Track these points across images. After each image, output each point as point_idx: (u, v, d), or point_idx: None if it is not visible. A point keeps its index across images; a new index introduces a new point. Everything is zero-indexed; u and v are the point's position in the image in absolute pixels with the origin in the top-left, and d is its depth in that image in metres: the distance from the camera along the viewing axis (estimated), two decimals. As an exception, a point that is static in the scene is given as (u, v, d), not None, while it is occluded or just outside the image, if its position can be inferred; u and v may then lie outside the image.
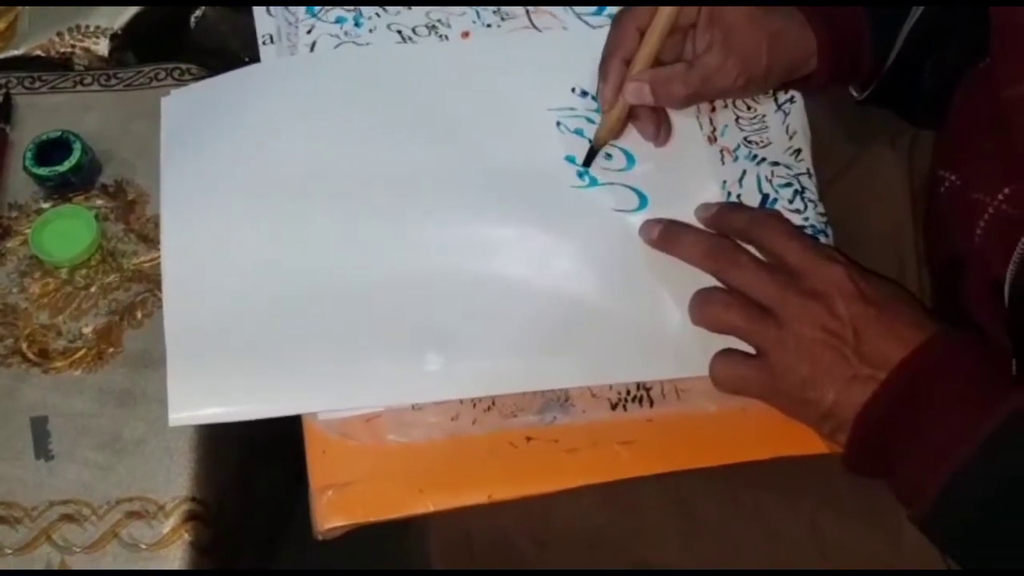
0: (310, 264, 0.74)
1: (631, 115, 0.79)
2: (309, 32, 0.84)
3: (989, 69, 0.71)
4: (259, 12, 0.86)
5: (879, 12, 0.77)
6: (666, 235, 0.74)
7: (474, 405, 0.72)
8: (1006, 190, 0.68)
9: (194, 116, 0.82)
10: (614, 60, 0.76)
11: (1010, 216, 0.68)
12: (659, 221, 0.75)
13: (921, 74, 0.79)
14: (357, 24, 0.84)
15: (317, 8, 0.85)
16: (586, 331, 0.73)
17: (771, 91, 0.84)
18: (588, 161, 0.79)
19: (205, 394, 0.70)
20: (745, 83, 0.75)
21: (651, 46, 0.75)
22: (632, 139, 0.80)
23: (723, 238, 0.73)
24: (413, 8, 0.86)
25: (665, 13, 0.74)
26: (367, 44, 0.84)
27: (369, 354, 0.72)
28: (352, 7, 0.85)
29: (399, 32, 0.85)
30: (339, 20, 0.85)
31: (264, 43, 0.85)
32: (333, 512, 0.68)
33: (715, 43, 0.75)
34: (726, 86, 0.75)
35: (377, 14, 0.85)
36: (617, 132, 0.79)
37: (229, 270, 0.74)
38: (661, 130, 0.80)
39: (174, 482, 0.74)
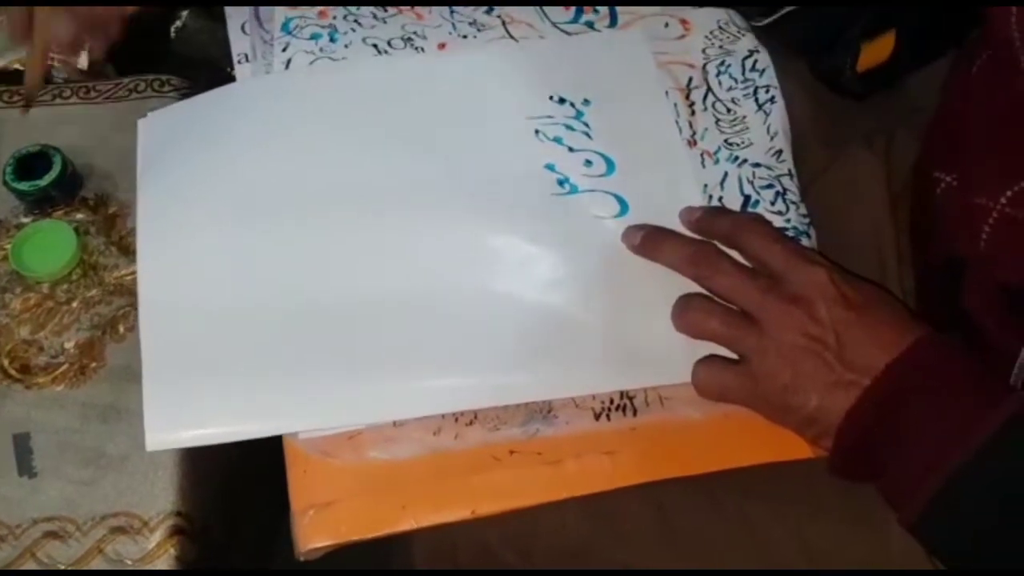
0: (288, 282, 0.74)
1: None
2: (284, 50, 0.83)
3: (987, 69, 0.71)
4: (234, 31, 0.86)
5: None
6: (648, 241, 0.74)
7: (456, 419, 0.71)
8: (1008, 192, 0.67)
9: (171, 137, 0.82)
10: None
11: (1017, 219, 0.67)
12: (642, 227, 0.75)
13: (829, 24, 0.79)
14: (332, 39, 0.84)
15: (292, 25, 0.84)
16: (568, 340, 0.73)
17: (751, 89, 0.83)
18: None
19: (183, 417, 0.70)
20: None
21: None
22: (612, 144, 0.80)
23: (706, 243, 0.72)
24: (388, 22, 0.85)
25: None
26: (343, 59, 0.83)
27: (349, 372, 0.72)
28: (327, 23, 0.84)
29: (375, 46, 0.84)
30: (314, 36, 0.84)
31: (239, 62, 0.85)
32: (315, 532, 0.68)
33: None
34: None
35: (352, 28, 0.84)
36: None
37: (207, 290, 0.74)
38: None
39: (159, 497, 0.73)
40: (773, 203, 0.79)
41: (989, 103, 0.69)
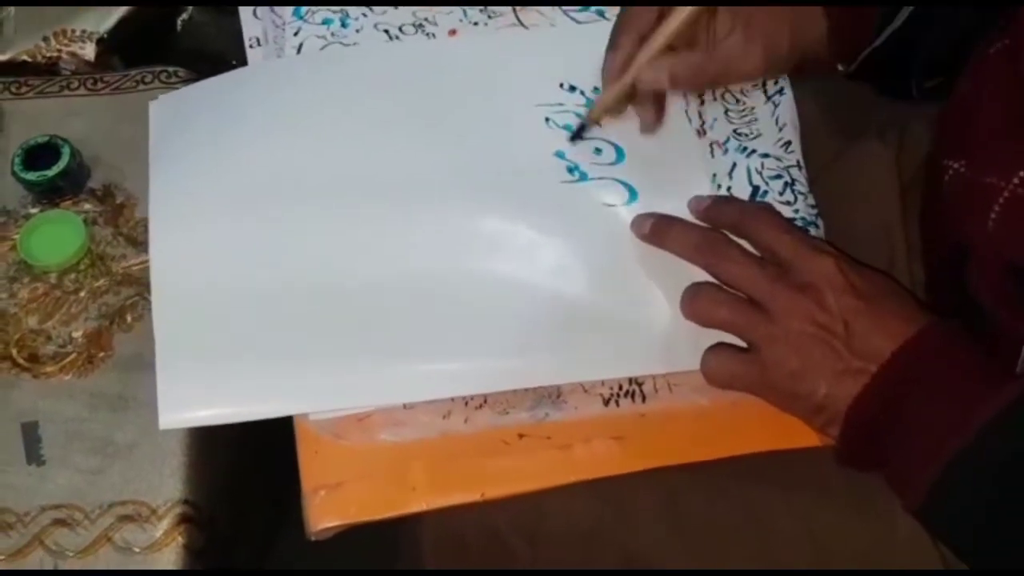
0: (299, 265, 0.74)
1: (632, 97, 0.77)
2: (296, 34, 0.84)
3: (1006, 52, 0.71)
4: (245, 15, 0.86)
5: None
6: (657, 229, 0.74)
7: (466, 403, 0.72)
8: (1021, 172, 0.67)
9: (182, 120, 0.82)
10: (628, 33, 0.75)
11: None
12: (651, 215, 0.75)
13: (916, 50, 0.79)
14: (344, 25, 0.84)
15: (304, 11, 0.85)
16: (578, 326, 0.73)
17: (762, 81, 0.84)
18: (577, 135, 0.79)
19: (196, 396, 0.70)
20: (766, 67, 0.76)
21: (675, 26, 0.73)
22: (621, 133, 0.80)
23: (714, 232, 0.72)
24: (400, 7, 0.85)
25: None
26: (354, 44, 0.83)
27: (359, 354, 0.72)
28: (338, 8, 0.85)
29: (386, 32, 0.84)
30: (326, 22, 0.84)
31: (251, 46, 0.85)
32: (326, 512, 0.69)
33: (738, 27, 0.74)
34: (748, 71, 0.76)
35: (364, 14, 0.85)
36: (613, 111, 0.78)
37: (218, 272, 0.74)
38: (660, 117, 0.79)
39: (166, 485, 0.74)
40: (782, 193, 0.79)
41: (1006, 83, 0.69)
